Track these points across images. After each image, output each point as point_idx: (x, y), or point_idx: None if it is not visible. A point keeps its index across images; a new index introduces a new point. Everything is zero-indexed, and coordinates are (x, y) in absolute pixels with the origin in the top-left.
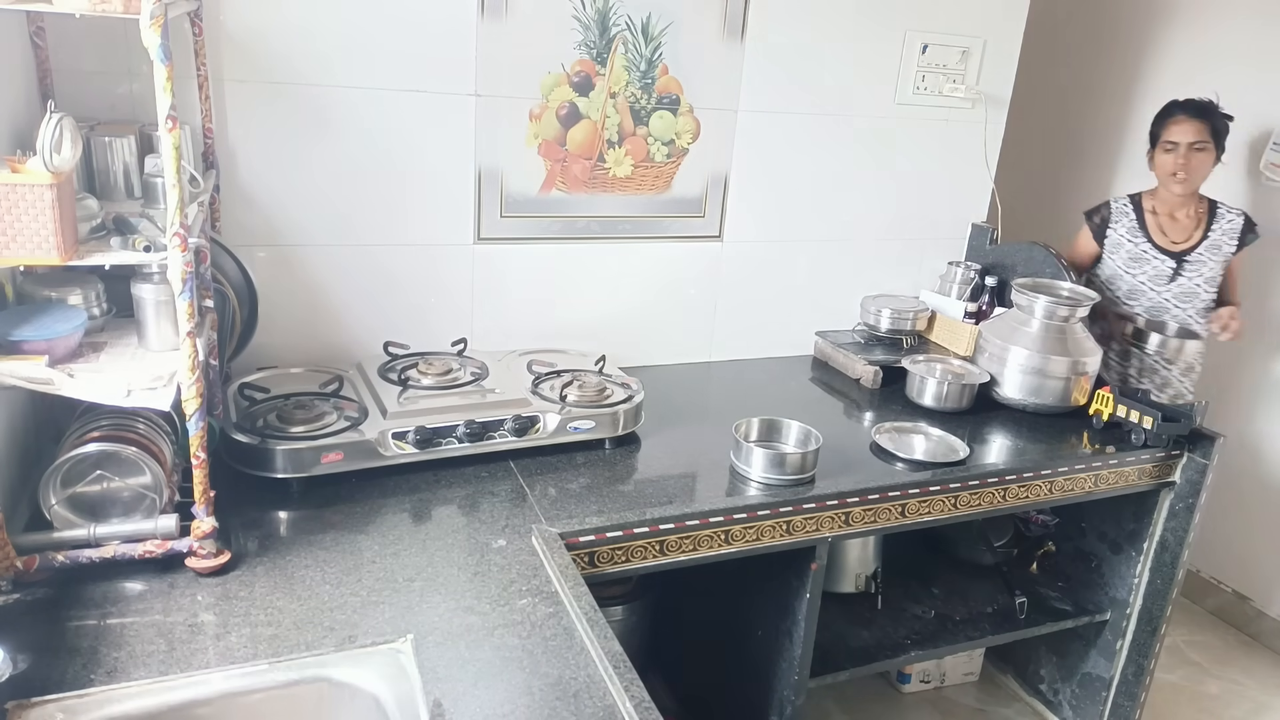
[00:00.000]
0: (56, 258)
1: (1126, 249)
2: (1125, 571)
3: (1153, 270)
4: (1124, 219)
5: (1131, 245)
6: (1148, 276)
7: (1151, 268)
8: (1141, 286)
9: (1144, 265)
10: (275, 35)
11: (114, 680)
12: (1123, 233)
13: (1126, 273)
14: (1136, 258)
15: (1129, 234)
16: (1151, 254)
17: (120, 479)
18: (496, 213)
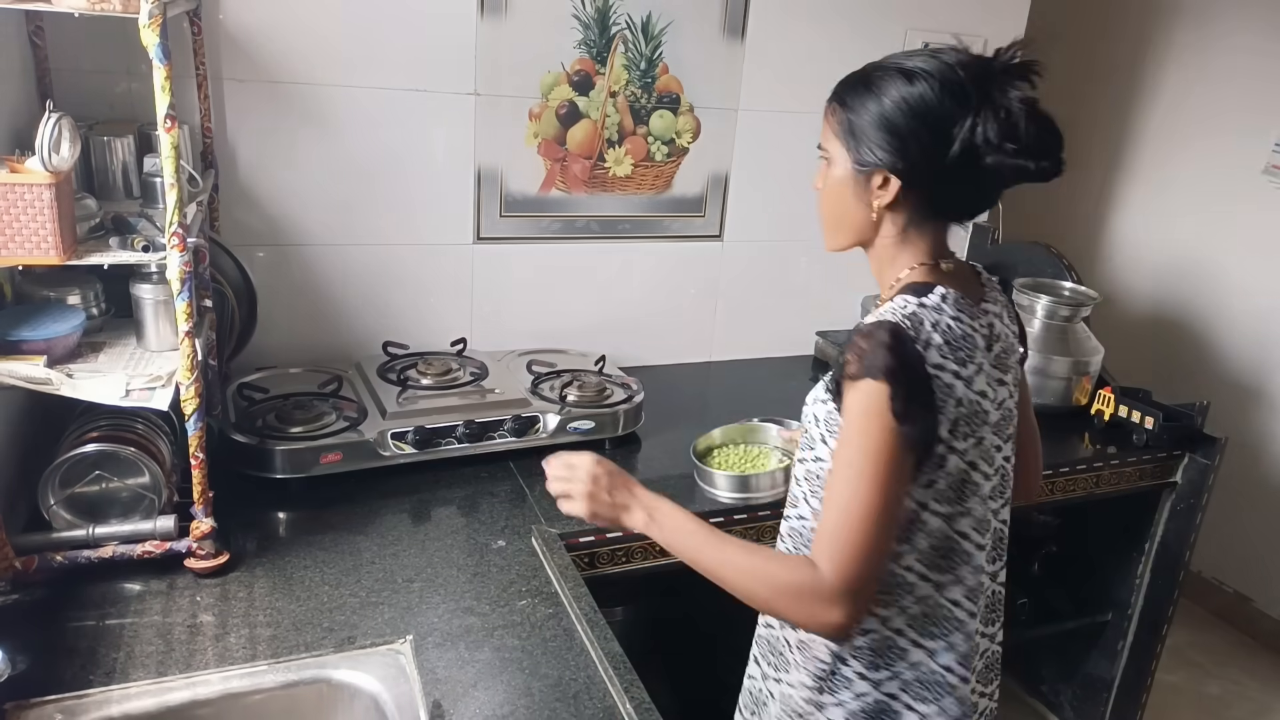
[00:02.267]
0: (55, 257)
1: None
2: (1127, 572)
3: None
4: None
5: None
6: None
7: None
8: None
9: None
10: (274, 34)
11: (113, 681)
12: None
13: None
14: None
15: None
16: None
17: (119, 479)
18: (496, 212)
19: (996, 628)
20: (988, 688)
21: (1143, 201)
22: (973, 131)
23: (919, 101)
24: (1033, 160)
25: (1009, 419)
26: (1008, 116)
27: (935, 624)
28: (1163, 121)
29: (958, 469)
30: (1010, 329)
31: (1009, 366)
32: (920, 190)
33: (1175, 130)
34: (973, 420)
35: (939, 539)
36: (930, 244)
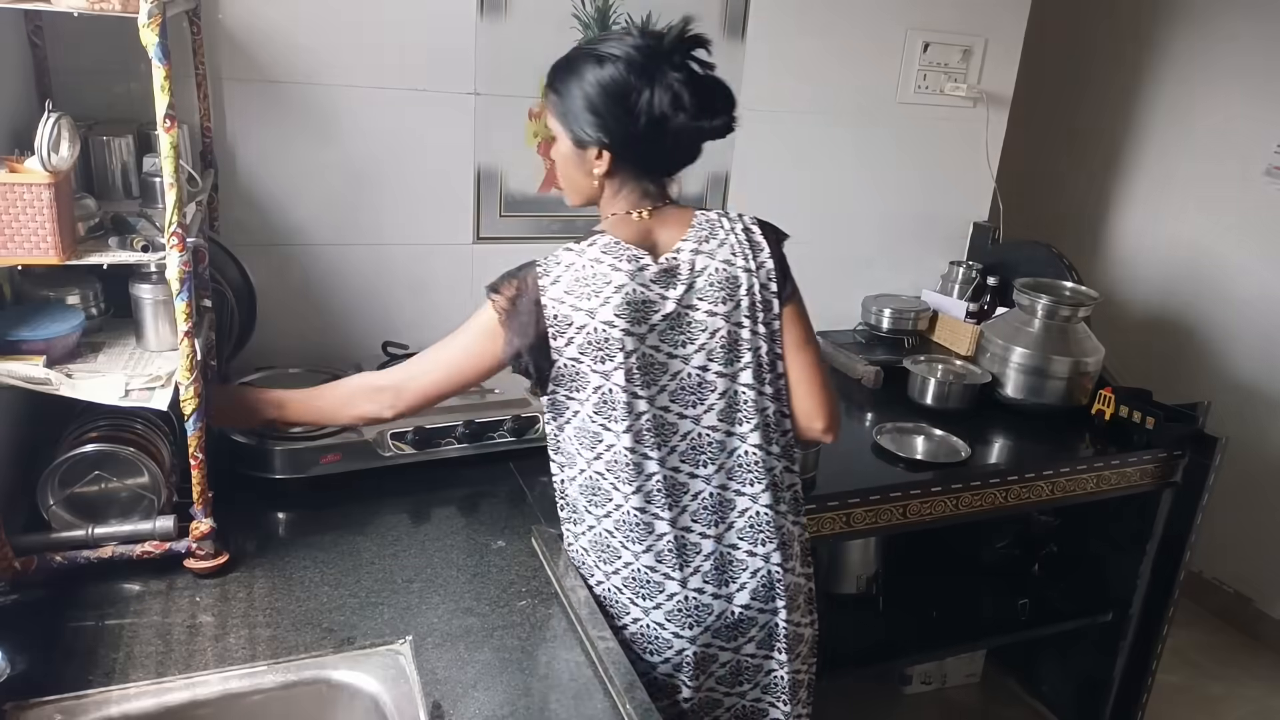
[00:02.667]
0: (54, 257)
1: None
2: (1127, 572)
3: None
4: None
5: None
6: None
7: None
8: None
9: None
10: (274, 34)
11: (112, 681)
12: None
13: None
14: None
15: None
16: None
17: (118, 479)
18: (496, 212)
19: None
20: (720, 587)
21: (1143, 201)
22: (650, 104)
23: (610, 83)
24: (705, 120)
25: (732, 346)
26: (673, 87)
27: (604, 550)
28: (1163, 121)
29: (602, 389)
30: (741, 267)
31: (722, 299)
32: (627, 157)
33: (1176, 130)
34: (603, 345)
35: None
36: (638, 198)
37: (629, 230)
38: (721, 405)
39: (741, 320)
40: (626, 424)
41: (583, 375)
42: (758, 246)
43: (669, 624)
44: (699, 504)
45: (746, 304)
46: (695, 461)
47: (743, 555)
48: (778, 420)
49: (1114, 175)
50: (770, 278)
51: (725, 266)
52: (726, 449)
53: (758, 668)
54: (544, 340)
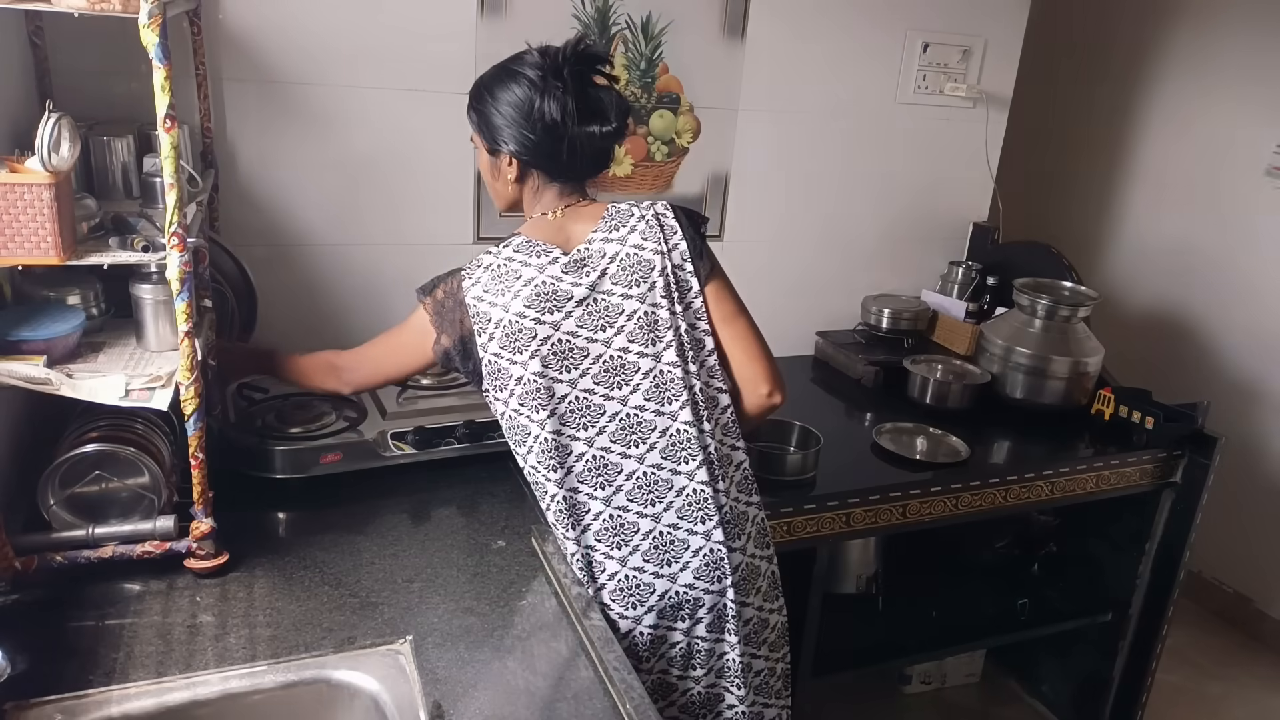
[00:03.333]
0: (54, 258)
1: None
2: (1127, 572)
3: None
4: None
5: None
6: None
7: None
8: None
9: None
10: (274, 34)
11: (112, 681)
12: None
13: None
14: None
15: None
16: None
17: (119, 479)
18: (496, 212)
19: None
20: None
21: (1143, 201)
22: (542, 113)
23: (512, 96)
24: (595, 125)
25: (651, 326)
26: (560, 98)
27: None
28: (1163, 121)
29: (525, 380)
30: (651, 249)
31: (635, 282)
32: (532, 163)
33: (1176, 130)
34: (518, 336)
35: (549, 447)
36: (554, 201)
37: (543, 230)
38: (648, 385)
39: (658, 301)
40: (548, 410)
41: (504, 370)
42: (670, 229)
43: (614, 604)
44: (633, 484)
45: (662, 285)
46: (627, 442)
47: (683, 534)
48: (709, 397)
49: (1114, 175)
50: (685, 258)
51: (636, 251)
52: (658, 428)
53: (710, 651)
54: (470, 337)
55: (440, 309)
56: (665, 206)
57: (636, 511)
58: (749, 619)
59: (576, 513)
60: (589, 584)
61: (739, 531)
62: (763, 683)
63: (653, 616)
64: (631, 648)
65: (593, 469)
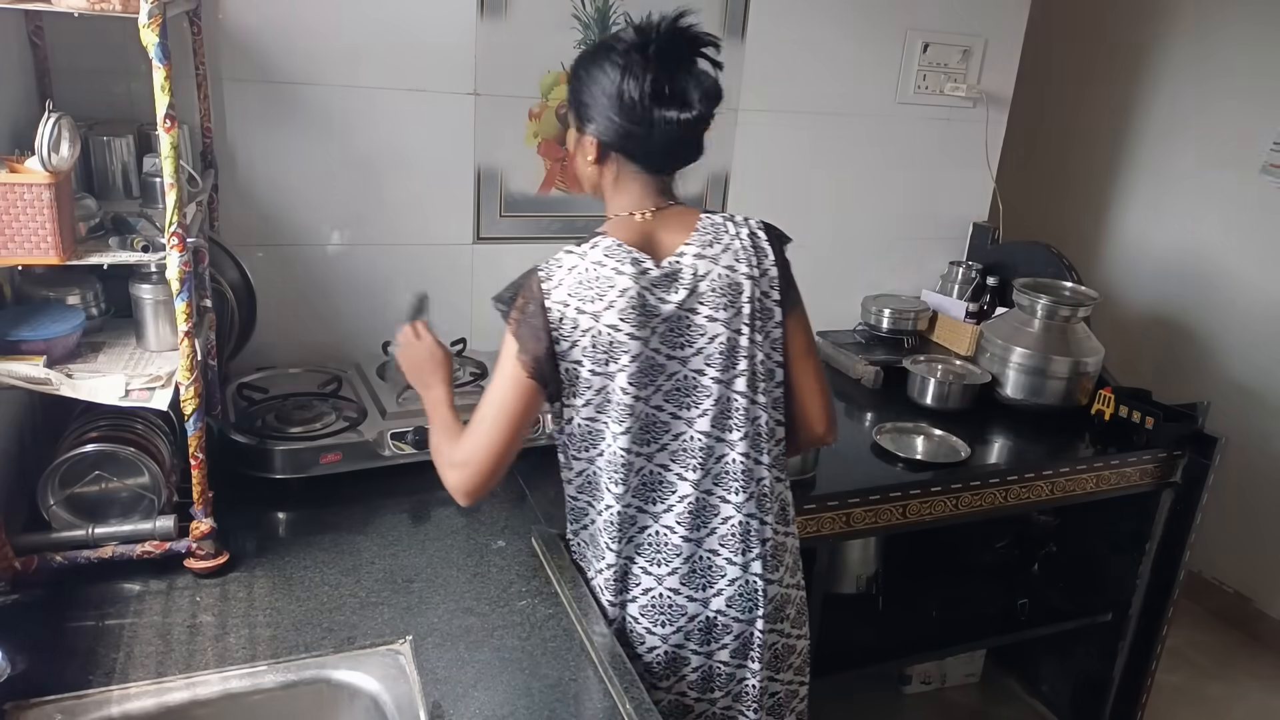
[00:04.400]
0: (54, 258)
1: None
2: (1126, 572)
3: None
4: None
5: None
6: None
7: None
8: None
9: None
10: (274, 34)
11: (112, 681)
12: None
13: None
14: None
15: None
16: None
17: (118, 479)
18: (496, 212)
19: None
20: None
21: (1143, 201)
22: (621, 92)
23: (599, 72)
24: (674, 110)
25: (731, 353)
26: (638, 75)
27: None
28: (1162, 121)
29: (605, 391)
30: (743, 273)
31: (724, 305)
32: (612, 145)
33: (1175, 129)
34: (608, 349)
35: (616, 459)
36: (639, 195)
37: (630, 232)
38: (714, 411)
39: (741, 327)
40: (625, 425)
41: (581, 379)
42: (762, 253)
43: (641, 619)
44: (684, 506)
45: (748, 311)
46: (685, 464)
47: (721, 562)
48: (770, 430)
49: (1114, 175)
50: (773, 285)
51: (728, 273)
52: (714, 454)
53: (730, 675)
54: (552, 344)
55: (522, 317)
56: (760, 226)
57: (682, 535)
58: (773, 644)
59: (628, 527)
60: (617, 596)
61: (778, 564)
62: (777, 704)
63: (679, 637)
64: (650, 665)
65: (649, 484)
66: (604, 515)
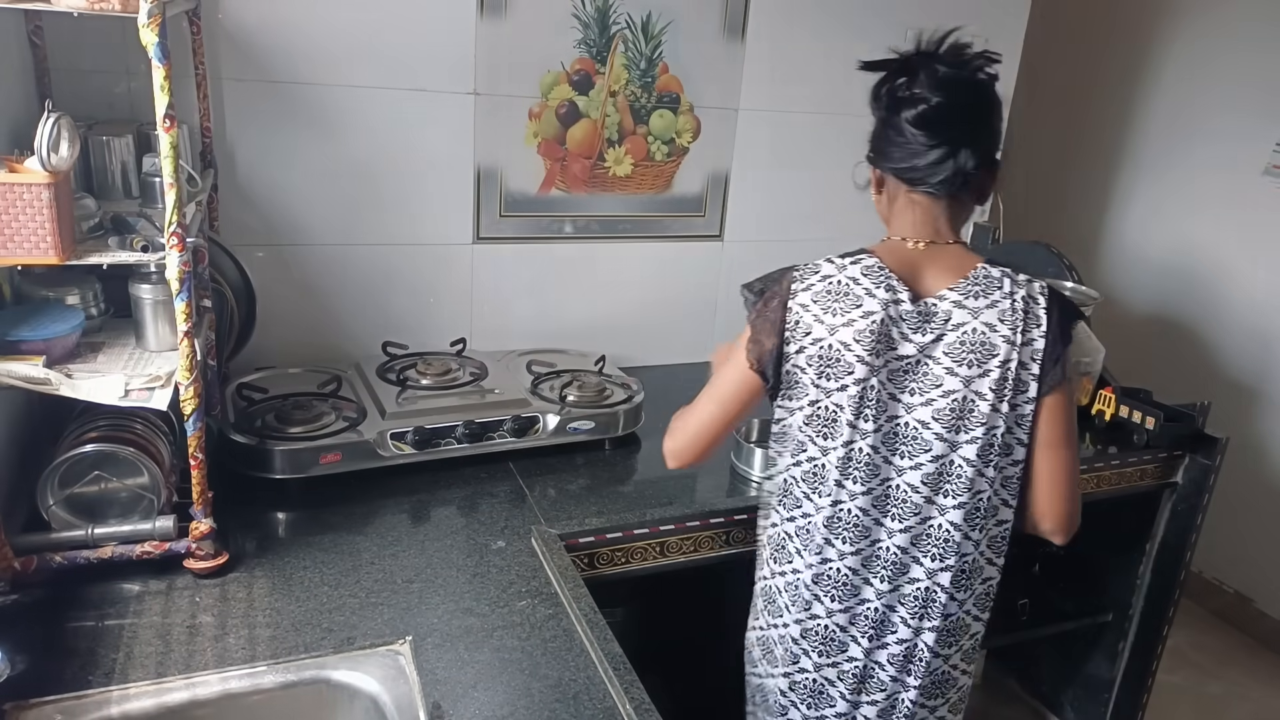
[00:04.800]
0: (54, 257)
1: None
2: (1127, 573)
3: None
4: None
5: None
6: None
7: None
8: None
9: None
10: (274, 34)
11: (112, 681)
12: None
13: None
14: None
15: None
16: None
17: (118, 480)
18: (496, 212)
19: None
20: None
21: (1144, 201)
22: (880, 96)
23: (877, 93)
24: (933, 132)
25: (961, 411)
26: (905, 96)
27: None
28: (1164, 121)
29: (819, 405)
30: (1002, 336)
31: (967, 361)
32: (880, 163)
33: (1176, 130)
34: (834, 364)
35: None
36: (910, 224)
37: (896, 258)
38: (931, 469)
39: (984, 391)
40: (832, 445)
41: (801, 385)
42: (1033, 320)
43: (802, 640)
44: (874, 552)
45: (997, 376)
46: (885, 512)
47: (896, 620)
48: (991, 507)
49: (1114, 175)
50: (1035, 358)
51: (985, 330)
52: (921, 515)
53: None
54: (781, 343)
55: (764, 309)
56: (1042, 290)
57: (864, 578)
58: (920, 717)
59: (816, 546)
60: (793, 610)
61: (952, 641)
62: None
63: (833, 673)
64: (793, 686)
65: (843, 521)
66: (795, 523)
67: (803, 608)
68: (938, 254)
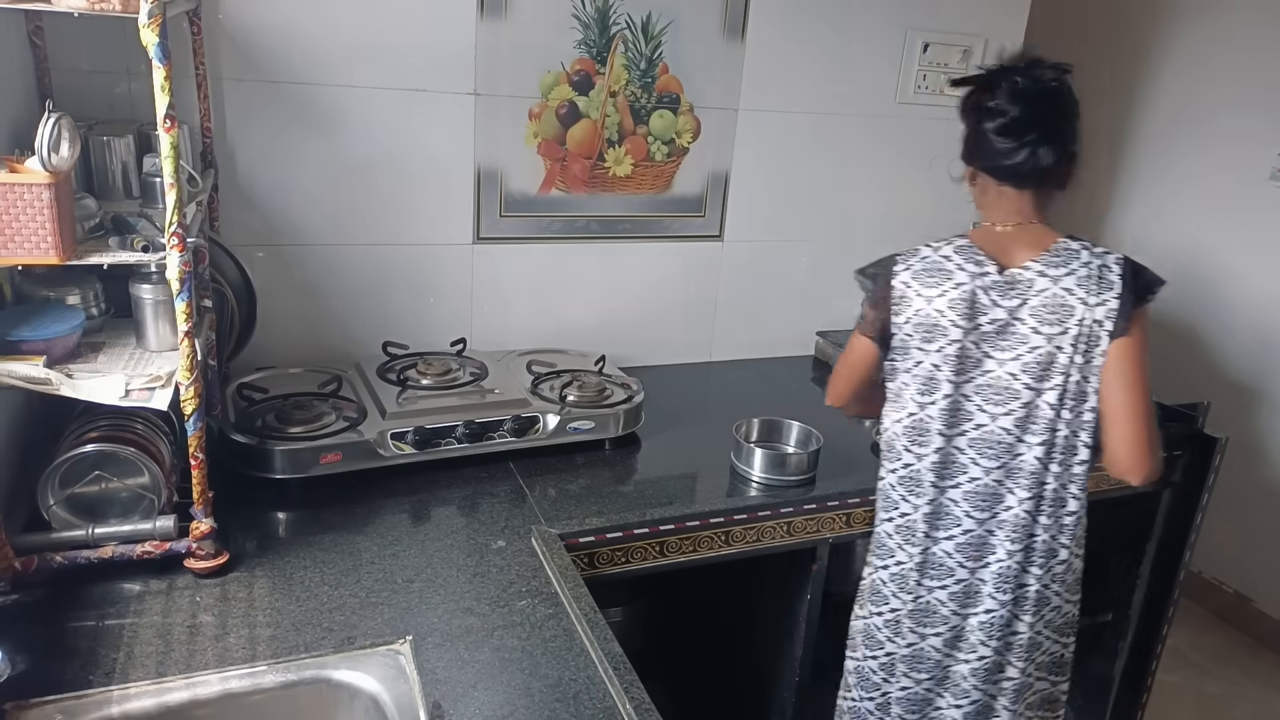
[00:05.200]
0: (54, 258)
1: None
2: (1127, 572)
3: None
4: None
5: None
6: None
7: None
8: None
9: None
10: (274, 34)
11: (113, 681)
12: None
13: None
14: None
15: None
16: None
17: (118, 479)
18: (496, 212)
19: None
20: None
21: (1145, 203)
22: (975, 108)
23: (970, 103)
24: (1031, 134)
25: (1044, 364)
26: (998, 103)
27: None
28: (1164, 122)
29: (922, 365)
30: (1078, 298)
31: (1049, 321)
32: (972, 162)
33: (1177, 131)
34: (932, 330)
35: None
36: (1000, 212)
37: (987, 240)
38: (1021, 414)
39: (1064, 345)
40: (930, 399)
41: (908, 349)
42: (1107, 285)
43: (917, 573)
44: (972, 486)
45: (1075, 333)
46: (980, 451)
47: (996, 543)
48: (1067, 444)
49: (1114, 175)
50: (1110, 316)
51: (1064, 294)
52: (1012, 451)
53: (1000, 624)
54: (890, 314)
55: (875, 288)
56: (1118, 260)
57: (964, 510)
58: (1029, 642)
59: (917, 487)
60: (908, 547)
61: (1047, 567)
62: (1053, 661)
63: (944, 594)
64: (912, 613)
65: (941, 462)
66: (898, 473)
67: (918, 545)
68: (1023, 233)
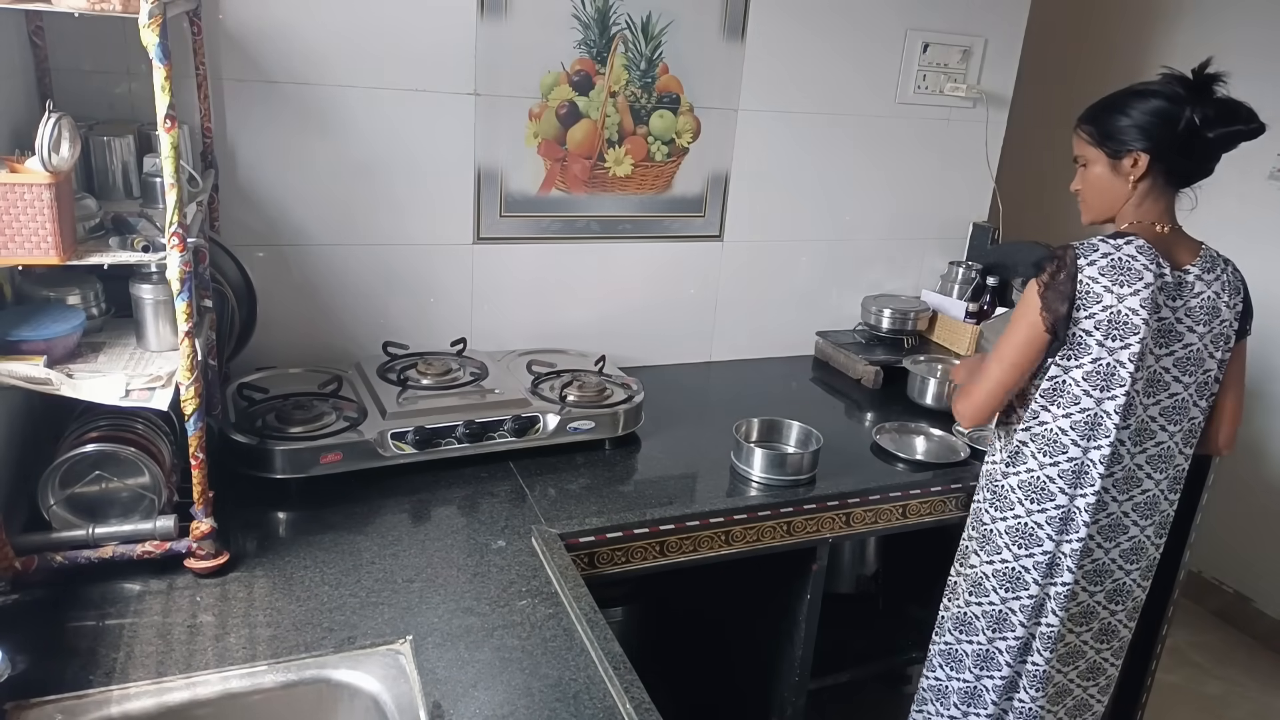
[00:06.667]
0: (54, 258)
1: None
2: None
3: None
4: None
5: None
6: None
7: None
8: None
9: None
10: (274, 34)
11: (113, 681)
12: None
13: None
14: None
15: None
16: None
17: (119, 479)
18: (496, 212)
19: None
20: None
21: None
22: (1190, 118)
23: (1156, 103)
24: (1243, 124)
25: (1193, 360)
26: (1204, 105)
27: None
28: None
29: (1101, 362)
30: (1224, 302)
31: (1202, 321)
32: (1160, 162)
33: None
34: (1122, 327)
35: (1084, 412)
36: (1156, 212)
37: (1155, 241)
38: (1168, 405)
39: (1209, 343)
40: (1108, 395)
41: (1085, 345)
42: (1235, 289)
43: (1076, 567)
44: (1158, 450)
45: (1217, 332)
46: (1138, 444)
47: (1129, 524)
48: (1197, 428)
49: None
50: (1238, 317)
51: (1215, 298)
52: (1155, 439)
53: (1127, 592)
54: (1072, 309)
55: (1052, 282)
56: (1237, 268)
57: (1112, 496)
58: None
59: (1084, 478)
60: (1028, 541)
61: (1163, 531)
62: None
63: (1107, 544)
64: (1070, 555)
65: (1112, 456)
66: (1061, 462)
67: (1076, 532)
68: (1175, 237)
